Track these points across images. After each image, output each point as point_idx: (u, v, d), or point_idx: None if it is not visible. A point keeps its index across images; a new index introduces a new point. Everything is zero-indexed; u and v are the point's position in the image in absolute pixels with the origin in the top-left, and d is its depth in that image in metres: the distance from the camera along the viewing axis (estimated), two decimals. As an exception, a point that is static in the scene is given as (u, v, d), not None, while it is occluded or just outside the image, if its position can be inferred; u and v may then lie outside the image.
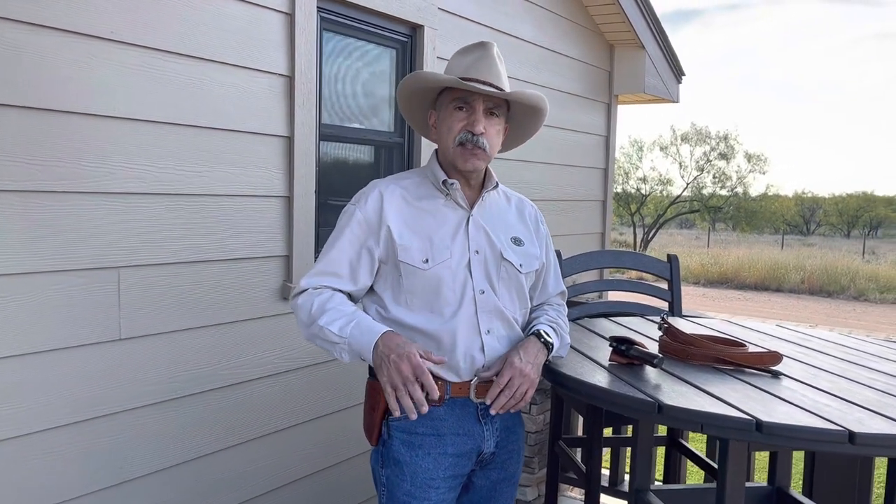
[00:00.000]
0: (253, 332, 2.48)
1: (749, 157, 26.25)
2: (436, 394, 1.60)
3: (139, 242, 2.13)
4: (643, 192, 26.95)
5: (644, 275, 18.11)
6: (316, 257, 2.66)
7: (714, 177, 26.41)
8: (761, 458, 4.16)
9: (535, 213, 1.95)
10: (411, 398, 1.59)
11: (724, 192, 27.01)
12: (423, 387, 1.60)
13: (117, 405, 2.11)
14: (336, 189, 2.86)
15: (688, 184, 26.56)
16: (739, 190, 26.80)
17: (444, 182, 1.76)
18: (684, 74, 5.08)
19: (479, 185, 1.82)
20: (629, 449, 4.67)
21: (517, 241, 1.82)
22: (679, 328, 2.17)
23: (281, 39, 2.49)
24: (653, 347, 2.14)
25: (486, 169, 1.82)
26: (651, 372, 1.95)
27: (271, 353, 2.55)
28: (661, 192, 27.28)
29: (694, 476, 4.49)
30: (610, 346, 2.02)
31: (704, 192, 26.81)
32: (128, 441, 2.15)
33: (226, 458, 2.43)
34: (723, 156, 26.03)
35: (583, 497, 3.90)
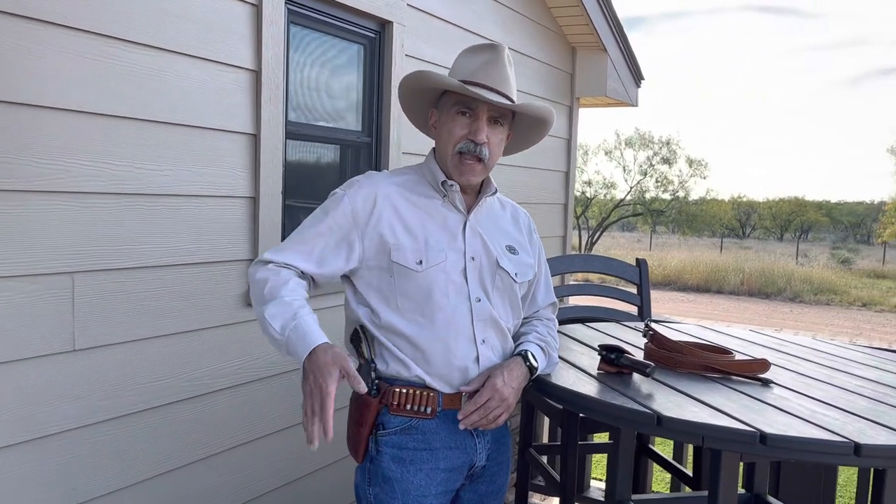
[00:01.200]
0: (216, 341, 2.34)
1: (690, 162, 26.88)
2: (330, 436, 1.50)
3: (96, 245, 1.97)
4: (588, 195, 27.31)
5: (590, 276, 18.35)
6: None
7: (657, 181, 26.95)
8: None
9: (528, 221, 1.88)
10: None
11: (665, 196, 27.59)
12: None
13: (70, 422, 1.95)
14: (302, 190, 2.73)
15: (631, 188, 27.03)
16: (681, 194, 27.42)
17: (444, 183, 1.67)
18: (643, 78, 5.10)
19: (476, 189, 1.74)
20: (595, 455, 4.66)
21: (512, 250, 1.75)
22: (664, 335, 2.12)
23: (247, 32, 2.35)
24: (636, 355, 2.09)
25: None
26: (641, 381, 1.90)
27: (235, 363, 2.41)
28: (605, 195, 27.70)
29: (657, 479, 4.50)
30: (599, 354, 1.96)
31: (647, 195, 27.33)
32: (82, 460, 1.98)
33: (188, 475, 2.28)
34: (665, 160, 26.58)
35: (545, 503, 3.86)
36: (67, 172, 1.88)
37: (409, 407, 1.61)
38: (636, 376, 1.95)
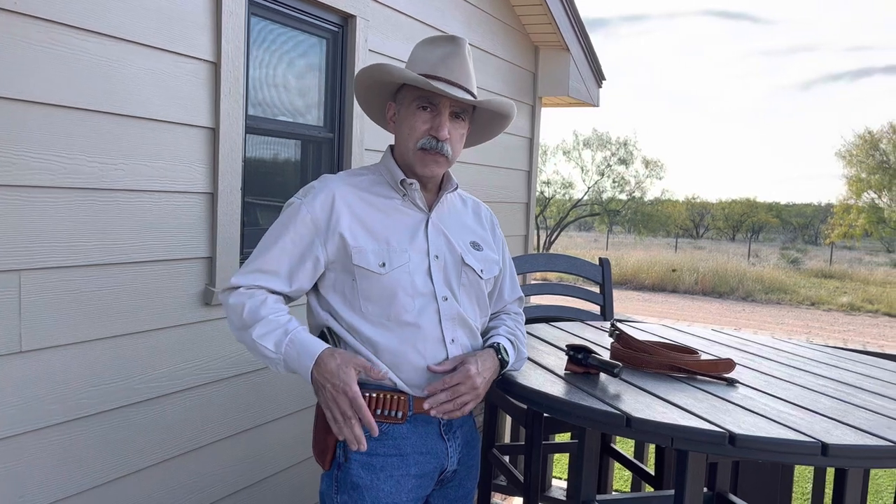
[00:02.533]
0: (172, 342, 2.26)
1: (647, 163, 27.27)
2: (375, 431, 1.52)
3: (44, 242, 1.88)
4: (546, 195, 27.51)
5: (549, 276, 18.46)
6: (241, 259, 2.47)
7: (614, 181, 27.27)
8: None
9: (490, 217, 1.85)
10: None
11: (622, 197, 27.95)
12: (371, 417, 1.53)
13: (16, 426, 1.85)
14: (263, 186, 2.66)
15: (589, 188, 27.31)
16: (637, 194, 27.80)
17: (403, 182, 1.62)
18: (605, 78, 5.13)
19: (436, 186, 1.70)
20: (556, 455, 4.66)
21: (476, 246, 1.72)
22: (630, 335, 2.12)
23: (206, 22, 2.28)
24: (602, 354, 2.08)
25: None
26: (608, 381, 1.89)
27: (191, 364, 2.33)
28: (563, 195, 27.94)
29: (617, 477, 4.52)
30: (566, 354, 1.94)
31: (604, 196, 27.64)
32: (30, 466, 1.89)
33: (143, 480, 2.20)
34: (622, 161, 26.92)
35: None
36: (13, 165, 1.79)
37: (379, 412, 1.57)
38: (603, 376, 1.93)
